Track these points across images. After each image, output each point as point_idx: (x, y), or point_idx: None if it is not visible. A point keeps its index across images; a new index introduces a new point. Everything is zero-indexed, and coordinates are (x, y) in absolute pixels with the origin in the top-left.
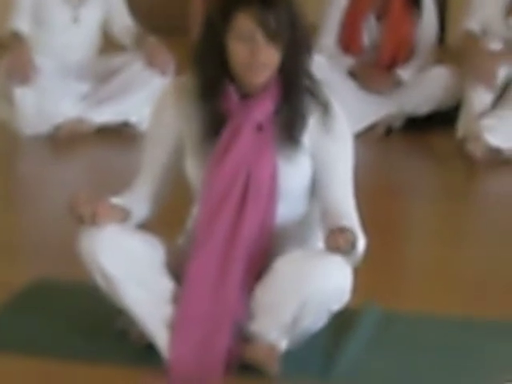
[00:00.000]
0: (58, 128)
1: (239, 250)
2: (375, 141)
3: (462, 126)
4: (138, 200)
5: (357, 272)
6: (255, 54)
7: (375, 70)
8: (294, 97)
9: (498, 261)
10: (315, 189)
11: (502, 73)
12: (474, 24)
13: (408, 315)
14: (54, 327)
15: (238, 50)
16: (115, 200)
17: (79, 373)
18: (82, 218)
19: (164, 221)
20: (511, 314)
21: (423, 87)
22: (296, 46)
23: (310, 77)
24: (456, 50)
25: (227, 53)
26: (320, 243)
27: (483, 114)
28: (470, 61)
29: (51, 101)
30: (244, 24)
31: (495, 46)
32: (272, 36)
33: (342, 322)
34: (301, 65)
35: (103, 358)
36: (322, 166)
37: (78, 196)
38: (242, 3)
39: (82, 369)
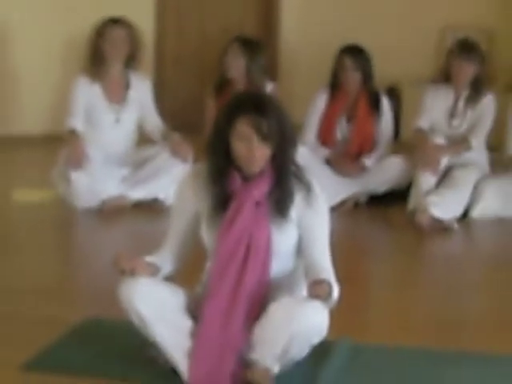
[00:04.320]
0: (104, 203)
1: (242, 297)
2: (346, 213)
3: (412, 202)
4: (166, 258)
5: (333, 313)
6: (251, 151)
7: (346, 158)
8: (284, 180)
9: (439, 304)
10: (300, 249)
11: (444, 161)
12: (423, 122)
13: (373, 346)
14: (99, 355)
15: (238, 148)
16: (148, 258)
17: None
18: (123, 271)
19: (185, 274)
20: (460, 345)
21: (383, 172)
22: (284, 143)
23: (296, 164)
24: (409, 144)
25: (231, 148)
26: (304, 291)
27: (429, 192)
28: (420, 152)
29: (99, 182)
30: (243, 128)
31: (440, 140)
32: (264, 138)
33: (320, 352)
34: (288, 156)
35: (137, 379)
36: (306, 232)
37: (120, 255)
38: (241, 111)
39: None
